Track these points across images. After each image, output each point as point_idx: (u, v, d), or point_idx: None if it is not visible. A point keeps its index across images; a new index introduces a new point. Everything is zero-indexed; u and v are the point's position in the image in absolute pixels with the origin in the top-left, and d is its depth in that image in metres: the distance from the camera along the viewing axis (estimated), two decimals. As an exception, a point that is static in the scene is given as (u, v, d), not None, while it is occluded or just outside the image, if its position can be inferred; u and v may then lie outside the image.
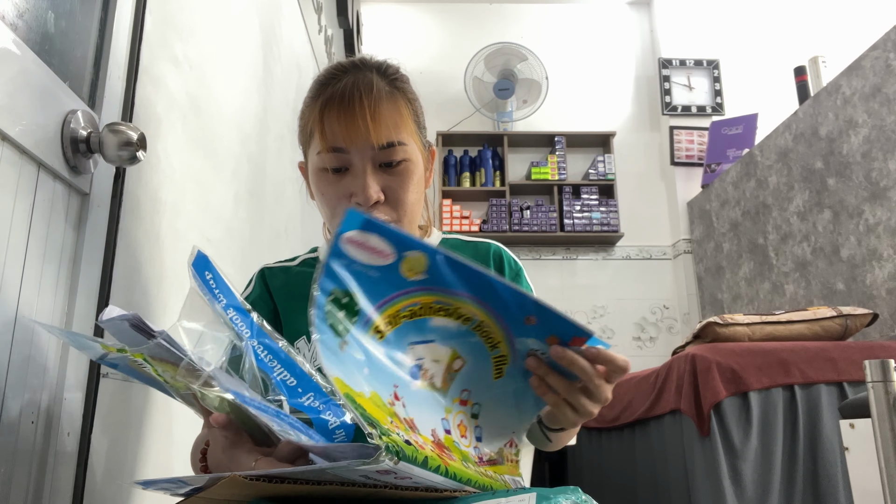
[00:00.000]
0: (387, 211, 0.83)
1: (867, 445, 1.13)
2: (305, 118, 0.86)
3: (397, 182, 0.82)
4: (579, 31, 4.36)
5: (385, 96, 0.82)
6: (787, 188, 2.93)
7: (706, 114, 4.08)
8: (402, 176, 0.82)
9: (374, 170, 0.81)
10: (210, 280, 0.76)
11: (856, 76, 2.46)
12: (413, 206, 0.85)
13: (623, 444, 2.30)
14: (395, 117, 0.82)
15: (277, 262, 0.98)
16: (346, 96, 0.80)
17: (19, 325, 0.73)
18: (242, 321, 0.76)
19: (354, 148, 0.80)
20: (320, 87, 0.84)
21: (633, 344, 3.89)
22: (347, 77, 0.82)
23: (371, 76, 0.83)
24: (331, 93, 0.81)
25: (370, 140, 0.79)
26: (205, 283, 0.75)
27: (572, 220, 3.89)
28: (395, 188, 0.82)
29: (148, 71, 1.02)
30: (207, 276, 0.76)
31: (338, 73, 0.84)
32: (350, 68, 0.84)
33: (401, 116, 0.83)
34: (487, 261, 0.93)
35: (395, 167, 0.82)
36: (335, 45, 3.11)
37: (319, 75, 0.86)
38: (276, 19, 1.95)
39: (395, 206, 0.83)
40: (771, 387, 1.77)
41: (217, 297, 0.75)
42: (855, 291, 2.47)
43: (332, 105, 0.80)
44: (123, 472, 0.95)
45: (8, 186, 0.71)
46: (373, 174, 0.81)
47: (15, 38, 0.72)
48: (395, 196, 0.82)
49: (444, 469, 0.54)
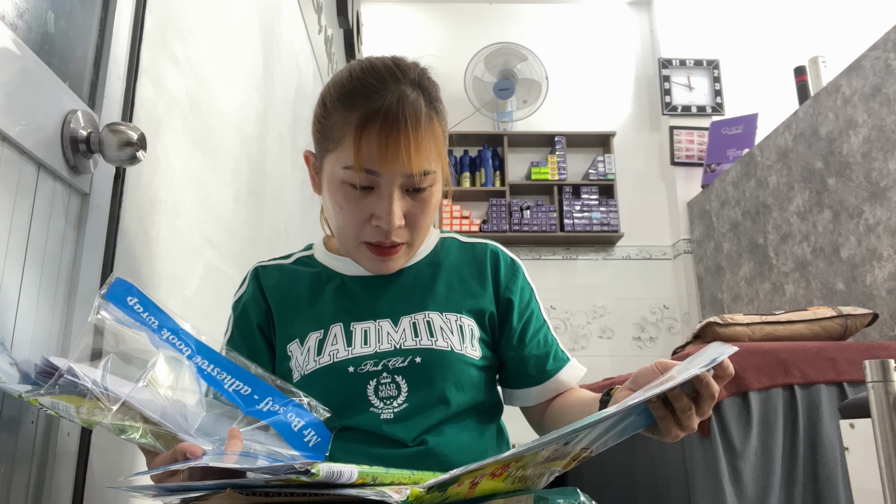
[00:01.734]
0: (403, 234, 0.82)
1: (867, 445, 1.13)
2: (333, 121, 0.80)
3: (420, 208, 0.82)
4: (579, 31, 4.36)
5: (426, 121, 0.79)
6: (787, 188, 2.93)
7: (706, 114, 4.08)
8: (427, 202, 0.82)
9: (401, 194, 0.80)
10: (135, 305, 0.72)
11: (856, 76, 2.46)
12: (427, 227, 0.86)
13: (623, 444, 2.30)
14: (432, 146, 0.79)
15: (272, 259, 0.97)
16: (390, 119, 0.75)
17: (19, 325, 0.73)
18: (180, 340, 0.72)
19: (389, 174, 0.77)
20: (355, 95, 0.78)
21: (633, 344, 3.89)
22: (389, 92, 0.77)
23: (414, 96, 0.78)
24: (372, 109, 0.76)
25: (409, 169, 0.77)
26: (129, 310, 0.71)
27: (572, 220, 3.89)
28: (416, 213, 0.81)
29: (148, 71, 1.02)
30: (131, 301, 0.72)
31: (376, 82, 0.78)
32: (389, 78, 0.79)
33: (436, 142, 0.81)
34: (484, 262, 0.92)
35: (421, 193, 0.81)
36: (335, 45, 3.11)
37: (353, 76, 0.80)
38: (276, 19, 1.95)
39: (413, 229, 0.83)
40: (771, 387, 1.77)
41: (147, 322, 0.71)
42: (855, 291, 2.47)
43: (374, 125, 0.75)
44: (123, 472, 0.95)
45: (8, 186, 0.71)
46: (400, 200, 0.79)
47: (15, 38, 0.72)
48: (415, 221, 0.82)
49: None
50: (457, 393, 0.83)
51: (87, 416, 0.60)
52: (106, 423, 0.60)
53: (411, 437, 0.80)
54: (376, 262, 0.84)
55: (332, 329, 0.85)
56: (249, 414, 0.69)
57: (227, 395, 0.70)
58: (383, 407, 0.81)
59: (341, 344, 0.83)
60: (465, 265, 0.92)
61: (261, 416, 0.69)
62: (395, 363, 0.82)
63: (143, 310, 0.72)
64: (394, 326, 0.84)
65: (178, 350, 0.71)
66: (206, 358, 0.72)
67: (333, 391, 0.81)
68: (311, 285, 0.91)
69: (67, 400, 0.61)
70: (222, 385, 0.71)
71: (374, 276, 0.89)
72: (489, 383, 0.90)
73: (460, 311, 0.87)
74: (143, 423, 0.62)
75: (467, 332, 0.85)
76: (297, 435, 0.70)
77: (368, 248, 0.83)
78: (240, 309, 0.92)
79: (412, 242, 0.84)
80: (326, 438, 0.72)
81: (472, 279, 0.91)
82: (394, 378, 0.81)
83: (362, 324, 0.85)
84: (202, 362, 0.72)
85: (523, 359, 0.90)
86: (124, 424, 0.61)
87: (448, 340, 0.83)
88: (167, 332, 0.72)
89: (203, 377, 0.70)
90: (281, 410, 0.71)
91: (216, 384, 0.71)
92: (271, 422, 0.69)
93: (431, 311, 0.86)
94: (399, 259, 0.85)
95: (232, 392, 0.71)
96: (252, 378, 0.73)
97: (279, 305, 0.90)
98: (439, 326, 0.84)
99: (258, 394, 0.71)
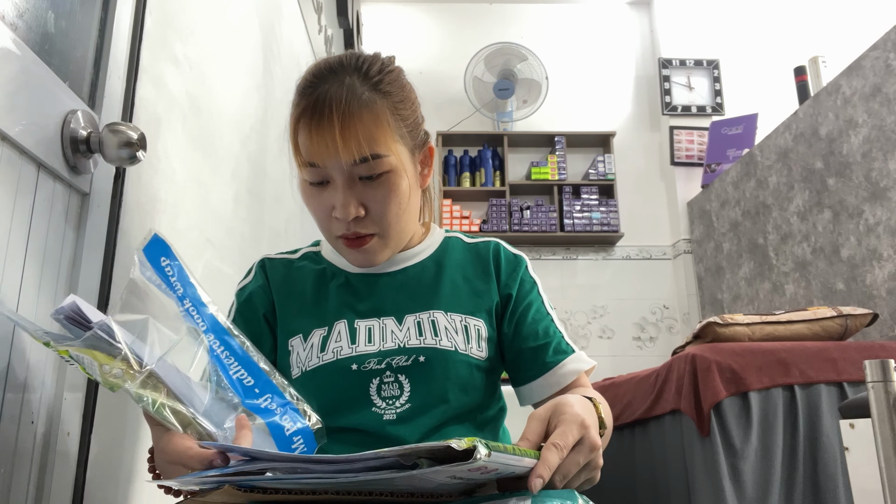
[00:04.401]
0: (368, 225, 0.80)
1: (867, 445, 1.13)
2: (290, 122, 0.81)
3: (379, 195, 0.79)
4: (579, 31, 4.36)
5: (362, 105, 0.76)
6: (787, 188, 2.93)
7: (706, 114, 4.08)
8: (384, 188, 0.79)
9: (353, 184, 0.78)
10: (167, 267, 0.71)
11: (856, 76, 2.46)
12: (399, 217, 0.82)
13: (623, 444, 2.30)
14: (370, 129, 0.76)
15: (279, 253, 0.96)
16: (317, 109, 0.76)
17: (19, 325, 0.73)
18: (199, 314, 0.71)
19: (328, 164, 0.77)
20: (299, 95, 0.80)
21: (633, 344, 3.89)
22: (323, 85, 0.77)
23: (350, 81, 0.78)
24: (305, 104, 0.77)
25: (340, 157, 0.76)
26: (160, 270, 0.70)
27: (572, 220, 3.89)
28: (377, 201, 0.79)
29: (148, 71, 1.02)
30: (164, 262, 0.71)
31: (316, 79, 0.79)
32: (328, 73, 0.79)
33: (378, 126, 0.77)
34: (488, 259, 0.92)
35: (375, 179, 0.78)
36: (335, 45, 3.11)
37: (304, 76, 0.82)
38: (276, 19, 1.95)
39: (378, 219, 0.80)
40: (771, 387, 1.77)
41: (174, 287, 0.70)
42: (855, 291, 2.47)
43: (305, 118, 0.77)
44: (123, 472, 0.95)
45: (8, 186, 0.71)
46: (349, 189, 0.78)
47: (15, 38, 0.72)
48: (378, 209, 0.80)
49: (514, 448, 0.52)
50: (458, 394, 0.82)
51: (111, 378, 0.59)
52: (131, 389, 0.59)
53: (415, 439, 0.79)
54: (353, 254, 0.83)
55: (336, 326, 0.84)
56: (246, 406, 0.68)
57: (229, 381, 0.69)
58: (386, 407, 0.80)
59: (345, 341, 0.83)
60: (470, 264, 0.92)
61: (257, 411, 0.68)
62: (398, 362, 0.81)
63: (173, 273, 0.71)
64: (398, 325, 0.84)
65: (195, 324, 0.70)
66: (219, 339, 0.71)
67: (336, 389, 0.81)
68: (315, 281, 0.90)
69: (93, 356, 0.59)
70: (227, 370, 0.69)
71: (377, 273, 0.89)
72: (493, 386, 0.89)
73: (465, 311, 0.86)
74: (165, 396, 0.62)
75: (473, 333, 0.85)
76: (288, 440, 0.68)
77: (343, 241, 0.82)
78: (245, 296, 0.91)
79: (383, 233, 0.82)
80: (312, 449, 0.71)
81: (477, 278, 0.90)
82: (397, 377, 0.81)
83: (367, 321, 0.85)
84: (213, 342, 0.70)
85: (521, 352, 0.87)
86: (146, 393, 0.60)
87: (452, 340, 0.83)
88: (189, 303, 0.71)
89: (212, 356, 0.69)
90: (278, 411, 0.69)
91: (222, 367, 0.69)
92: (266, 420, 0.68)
93: (436, 310, 0.85)
94: (377, 252, 0.83)
95: (235, 379, 0.69)
96: (257, 370, 0.71)
97: (283, 299, 0.90)
98: (444, 326, 0.83)
99: (259, 388, 0.70)
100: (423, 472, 0.48)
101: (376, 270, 0.89)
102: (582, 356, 0.88)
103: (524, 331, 0.88)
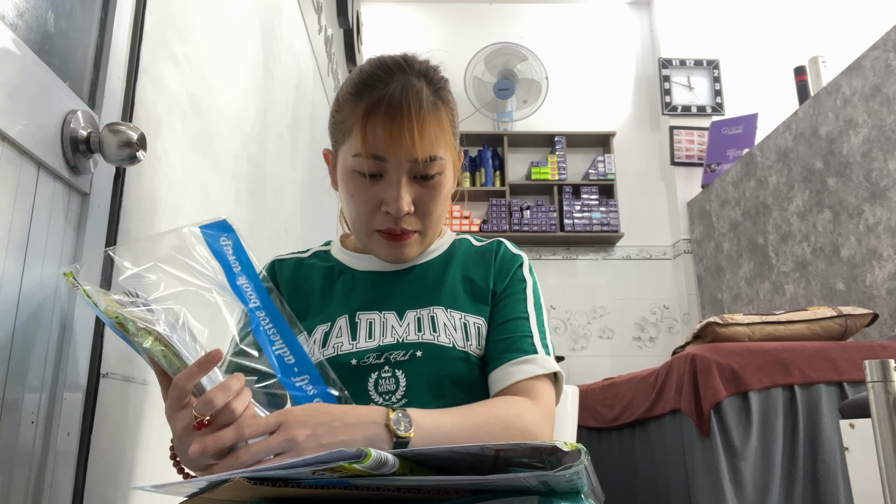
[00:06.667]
0: (413, 223, 0.84)
1: (867, 445, 1.13)
2: (344, 114, 0.83)
3: (429, 195, 0.83)
4: (579, 31, 4.36)
5: (431, 108, 0.81)
6: (787, 188, 2.93)
7: (706, 114, 4.08)
8: (435, 189, 0.83)
9: (409, 181, 0.81)
10: (226, 246, 0.75)
11: (856, 76, 2.46)
12: (440, 218, 0.86)
13: (623, 444, 2.30)
14: (437, 131, 0.81)
15: (291, 253, 0.99)
16: (394, 105, 0.78)
17: (19, 325, 0.73)
18: (253, 292, 0.74)
19: (395, 159, 0.79)
20: (364, 86, 0.81)
21: (633, 344, 3.89)
22: (395, 82, 0.80)
23: (418, 84, 0.81)
24: (377, 97, 0.79)
25: (414, 154, 0.78)
26: (216, 246, 0.74)
27: (572, 220, 3.89)
28: (426, 200, 0.83)
29: (148, 71, 1.02)
30: (224, 241, 0.75)
31: (383, 73, 0.81)
32: (396, 70, 0.82)
33: (443, 130, 0.82)
34: (490, 257, 0.93)
35: (429, 180, 0.82)
36: (335, 45, 3.11)
37: (363, 70, 0.83)
38: (276, 19, 1.95)
39: (423, 217, 0.84)
40: (771, 387, 1.77)
41: (230, 263, 0.74)
42: (855, 291, 2.47)
43: (378, 111, 0.78)
44: (123, 472, 0.95)
45: (8, 186, 0.71)
46: (407, 186, 0.81)
47: (15, 38, 0.72)
48: (425, 208, 0.83)
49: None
50: (454, 390, 0.82)
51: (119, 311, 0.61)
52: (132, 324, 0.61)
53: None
54: (390, 248, 0.85)
55: (337, 321, 0.85)
56: (282, 382, 0.71)
57: (269, 357, 0.72)
58: (383, 402, 0.80)
59: (346, 337, 0.84)
60: (474, 264, 0.93)
61: (290, 388, 0.71)
62: (396, 356, 0.82)
63: (232, 252, 0.75)
64: (398, 320, 0.85)
65: (245, 300, 0.73)
66: (270, 317, 0.74)
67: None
68: (322, 279, 0.92)
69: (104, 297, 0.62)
70: (271, 346, 0.72)
71: (384, 271, 0.90)
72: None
73: (466, 309, 0.87)
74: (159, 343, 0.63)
75: (472, 331, 0.85)
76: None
77: (381, 235, 0.84)
78: None
79: (424, 231, 0.85)
80: None
81: (479, 277, 0.91)
82: (394, 372, 0.81)
83: (368, 315, 0.86)
84: (263, 319, 0.74)
85: (488, 344, 0.86)
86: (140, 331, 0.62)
87: (450, 337, 0.83)
88: (244, 279, 0.74)
89: (257, 332, 0.72)
90: (311, 392, 0.72)
91: (266, 342, 0.72)
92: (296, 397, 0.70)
93: (437, 307, 0.86)
94: (412, 247, 0.86)
95: (276, 356, 0.72)
96: (301, 352, 0.74)
97: (291, 299, 0.91)
98: (443, 323, 0.84)
99: (299, 367, 0.73)
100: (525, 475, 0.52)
101: (384, 268, 0.90)
102: (545, 361, 0.83)
103: (495, 323, 0.87)
